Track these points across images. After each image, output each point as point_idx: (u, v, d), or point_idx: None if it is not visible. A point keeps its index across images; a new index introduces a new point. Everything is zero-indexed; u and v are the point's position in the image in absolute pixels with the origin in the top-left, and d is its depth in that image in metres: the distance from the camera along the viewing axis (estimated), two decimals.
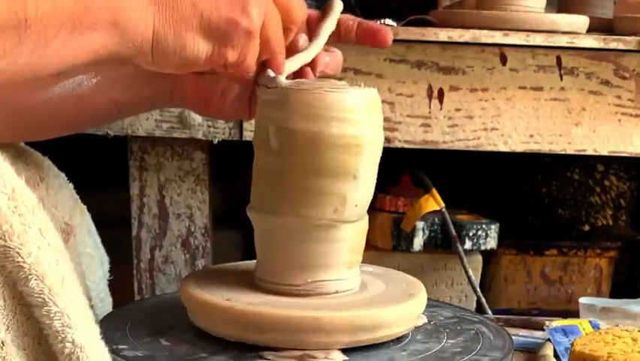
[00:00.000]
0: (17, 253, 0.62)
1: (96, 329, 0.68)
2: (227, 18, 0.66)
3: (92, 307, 0.86)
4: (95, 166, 1.49)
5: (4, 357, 0.62)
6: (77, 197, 0.91)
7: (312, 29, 0.83)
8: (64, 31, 0.59)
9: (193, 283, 0.83)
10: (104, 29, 0.61)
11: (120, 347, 0.77)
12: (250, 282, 0.84)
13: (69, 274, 0.66)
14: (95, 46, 0.62)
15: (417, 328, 0.85)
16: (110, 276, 0.98)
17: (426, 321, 0.87)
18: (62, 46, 0.60)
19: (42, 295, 0.63)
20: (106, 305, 0.94)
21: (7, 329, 0.63)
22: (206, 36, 0.66)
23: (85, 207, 0.93)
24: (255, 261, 0.86)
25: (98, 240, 0.96)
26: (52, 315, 0.63)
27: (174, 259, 1.25)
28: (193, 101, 0.86)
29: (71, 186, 0.91)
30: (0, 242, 0.62)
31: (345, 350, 0.77)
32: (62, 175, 0.89)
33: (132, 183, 1.23)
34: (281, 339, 0.76)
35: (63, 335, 0.63)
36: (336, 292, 0.81)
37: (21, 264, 0.62)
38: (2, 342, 0.62)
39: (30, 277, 0.62)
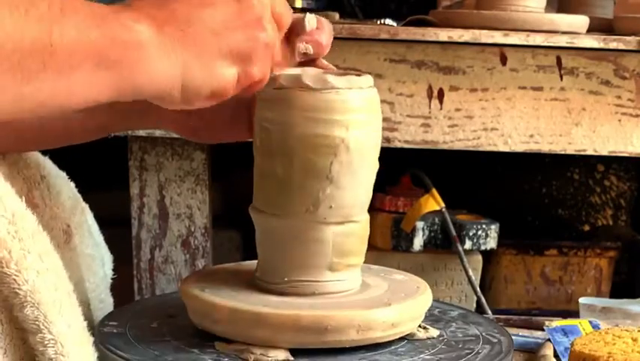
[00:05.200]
0: (14, 279, 0.62)
1: (92, 354, 0.68)
2: (247, 36, 0.65)
3: (90, 309, 0.86)
4: (95, 166, 1.49)
5: None
6: (79, 196, 0.91)
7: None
8: (89, 62, 0.57)
9: (195, 282, 0.83)
10: (131, 66, 0.59)
11: (120, 346, 0.77)
12: (250, 281, 0.84)
13: (67, 299, 0.66)
14: (121, 84, 0.60)
15: (414, 340, 0.83)
16: (113, 275, 0.98)
17: (433, 336, 0.85)
18: (87, 78, 0.58)
19: (37, 322, 0.63)
20: (106, 306, 0.94)
21: (5, 353, 0.63)
22: (231, 60, 0.64)
23: (86, 206, 0.93)
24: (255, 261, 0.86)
25: (101, 239, 0.96)
26: (46, 342, 0.63)
27: (174, 259, 1.25)
28: (181, 131, 0.85)
29: (72, 185, 0.90)
30: None
31: (296, 351, 0.77)
32: (63, 174, 0.89)
33: (132, 183, 1.23)
34: (231, 331, 0.77)
35: None
36: (313, 293, 0.80)
37: (17, 290, 0.62)
38: None
39: (25, 303, 0.62)
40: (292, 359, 0.76)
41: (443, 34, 1.14)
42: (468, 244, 1.35)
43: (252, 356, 0.75)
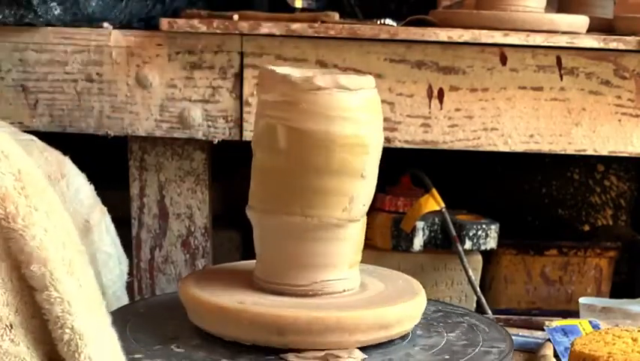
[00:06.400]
0: (21, 235, 0.61)
1: (103, 317, 0.66)
2: None
3: (106, 303, 0.86)
4: (94, 166, 1.49)
5: (12, 340, 0.61)
6: (98, 197, 0.92)
7: None
8: None
9: (194, 284, 0.83)
10: None
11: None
12: (251, 283, 0.84)
13: (78, 257, 0.65)
14: None
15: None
16: (129, 278, 0.98)
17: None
18: None
19: (43, 280, 0.62)
20: (121, 303, 0.95)
21: (17, 312, 0.62)
22: None
23: (105, 208, 0.94)
24: (254, 261, 0.86)
25: (117, 240, 0.97)
26: (52, 300, 0.62)
27: (174, 259, 1.25)
28: None
29: (92, 187, 0.91)
30: (3, 223, 0.61)
31: (360, 348, 0.78)
32: (83, 175, 0.90)
33: (132, 183, 1.23)
34: (302, 340, 0.76)
35: (62, 321, 0.62)
36: (343, 291, 0.81)
37: (23, 247, 0.61)
38: (11, 324, 0.61)
39: (32, 260, 0.61)
40: (366, 356, 0.77)
41: (443, 34, 1.14)
42: (468, 244, 1.35)
43: (340, 359, 0.76)
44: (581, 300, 1.26)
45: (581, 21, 1.20)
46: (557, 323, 1.08)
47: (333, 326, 0.76)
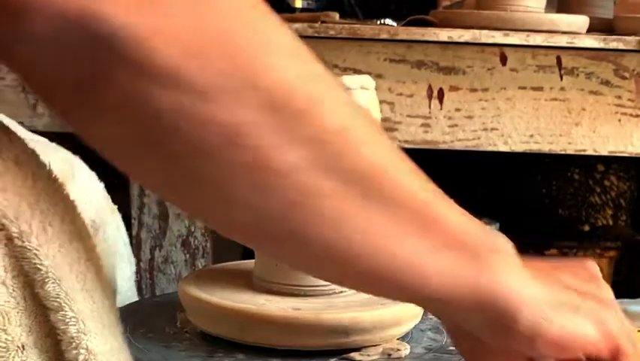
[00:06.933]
0: (35, 254, 0.60)
1: (118, 335, 0.66)
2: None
3: (119, 303, 0.86)
4: (94, 166, 1.49)
5: None
6: (109, 196, 0.92)
7: None
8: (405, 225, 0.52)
9: (194, 284, 0.83)
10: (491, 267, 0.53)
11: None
12: (252, 283, 0.84)
13: (93, 272, 0.64)
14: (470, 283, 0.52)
15: None
16: (136, 278, 0.98)
17: None
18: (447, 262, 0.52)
19: (58, 300, 0.60)
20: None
21: (30, 331, 0.61)
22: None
23: (116, 207, 0.93)
24: (254, 261, 0.85)
25: (127, 240, 0.96)
26: (67, 320, 0.61)
27: (174, 259, 1.25)
28: None
29: (102, 185, 0.91)
30: (17, 242, 0.60)
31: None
32: (93, 174, 0.90)
33: (132, 183, 1.23)
34: (364, 339, 0.77)
35: (78, 342, 0.61)
36: (337, 292, 0.81)
37: (38, 266, 0.60)
38: (23, 345, 0.60)
39: (47, 280, 0.60)
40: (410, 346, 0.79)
41: (443, 34, 1.14)
42: None
43: (400, 351, 0.77)
44: None
45: (581, 21, 1.20)
46: None
47: (389, 321, 0.77)
